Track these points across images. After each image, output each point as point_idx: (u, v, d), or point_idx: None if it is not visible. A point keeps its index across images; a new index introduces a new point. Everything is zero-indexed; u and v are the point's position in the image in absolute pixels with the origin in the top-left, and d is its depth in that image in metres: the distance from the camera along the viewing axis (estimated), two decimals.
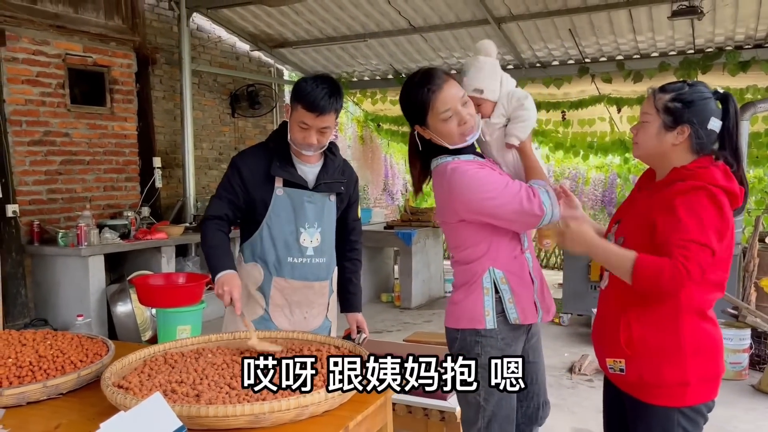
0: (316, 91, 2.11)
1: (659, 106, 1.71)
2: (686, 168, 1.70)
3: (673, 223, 1.62)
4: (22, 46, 4.90)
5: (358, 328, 2.46)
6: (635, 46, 6.34)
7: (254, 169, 2.24)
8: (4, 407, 1.59)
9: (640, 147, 1.79)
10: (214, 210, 2.25)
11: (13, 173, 4.86)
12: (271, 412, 1.45)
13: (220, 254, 2.16)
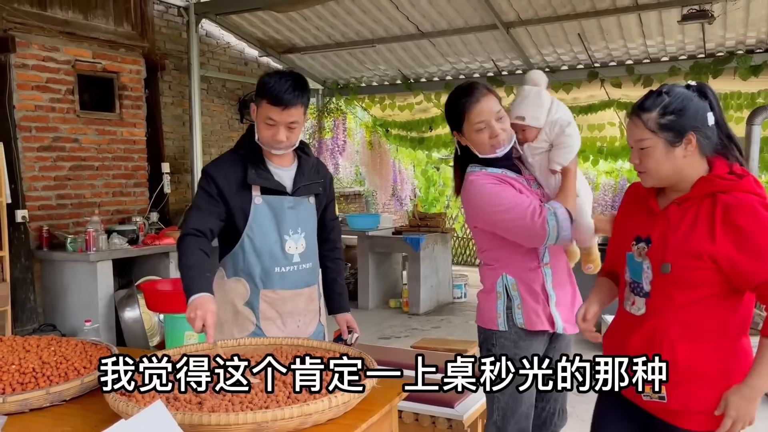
0: (280, 84, 2.04)
1: (653, 127, 1.59)
2: (719, 176, 1.59)
3: (756, 256, 1.52)
4: (32, 53, 4.93)
5: (349, 328, 2.40)
6: (645, 51, 6.30)
7: (229, 178, 2.14)
8: (6, 414, 1.58)
9: (651, 174, 1.63)
10: (194, 223, 2.09)
11: (23, 179, 4.88)
12: (273, 421, 1.43)
13: (196, 275, 1.99)
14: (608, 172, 8.26)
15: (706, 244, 1.55)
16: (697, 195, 1.60)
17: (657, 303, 1.64)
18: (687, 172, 1.62)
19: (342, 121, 8.43)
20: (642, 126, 1.61)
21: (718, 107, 1.62)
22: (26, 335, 2.19)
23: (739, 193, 1.55)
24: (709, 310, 1.60)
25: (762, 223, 1.52)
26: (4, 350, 1.89)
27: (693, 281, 1.58)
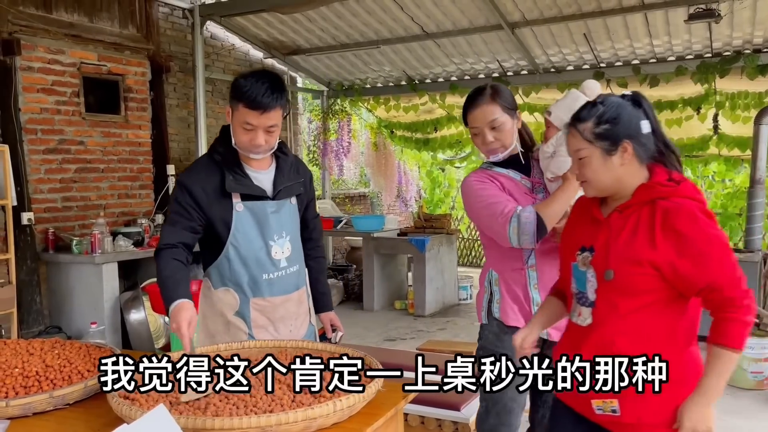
0: (257, 87, 1.95)
1: (589, 137, 1.60)
2: (658, 183, 1.60)
3: (697, 261, 1.51)
4: (38, 55, 4.95)
5: (333, 326, 2.37)
6: (651, 50, 6.26)
7: (206, 188, 2.05)
8: (9, 418, 1.57)
9: (592, 184, 1.64)
10: (167, 238, 2.03)
11: (29, 181, 4.89)
12: (278, 425, 1.42)
13: (171, 284, 1.95)
14: None
15: (647, 251, 1.55)
16: (637, 202, 1.61)
17: (602, 312, 1.63)
18: (626, 180, 1.62)
19: (347, 123, 8.42)
20: (579, 136, 1.62)
21: (652, 115, 1.64)
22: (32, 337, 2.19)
23: (678, 198, 1.56)
24: (654, 317, 1.59)
25: (701, 228, 1.52)
26: (7, 354, 1.89)
27: (636, 287, 1.57)
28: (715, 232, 1.53)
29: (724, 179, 7.76)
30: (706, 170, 7.56)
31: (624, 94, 1.65)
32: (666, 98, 6.46)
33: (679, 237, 1.52)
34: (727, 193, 7.58)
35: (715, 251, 1.51)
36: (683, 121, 6.52)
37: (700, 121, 6.43)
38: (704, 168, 7.48)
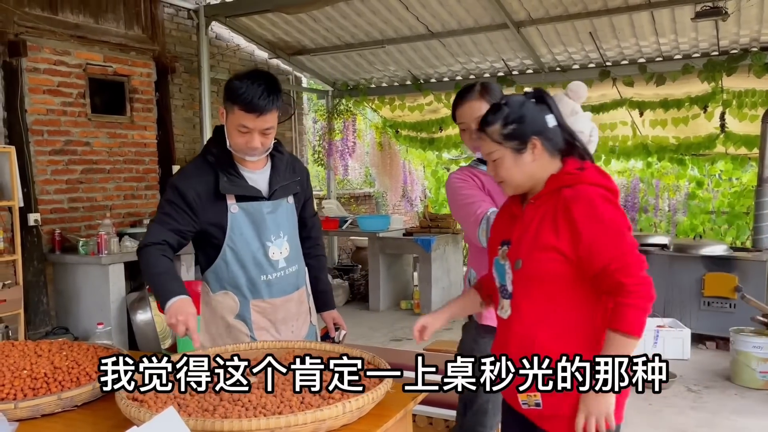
0: (253, 89, 1.91)
1: (497, 139, 1.65)
2: (565, 172, 1.65)
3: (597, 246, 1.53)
4: (44, 57, 4.95)
5: (336, 325, 2.35)
6: (657, 49, 6.23)
7: (200, 190, 2.01)
8: (18, 420, 1.57)
9: (508, 183, 1.69)
10: (153, 236, 1.98)
11: (35, 182, 4.90)
12: (287, 427, 1.41)
13: (168, 279, 1.91)
14: (620, 171, 8.20)
15: (551, 238, 1.59)
16: (546, 192, 1.65)
17: (519, 301, 1.67)
18: (539, 174, 1.67)
19: (352, 123, 8.41)
20: (488, 140, 1.67)
21: (556, 109, 1.68)
22: (39, 338, 2.19)
23: (580, 185, 1.60)
24: (568, 304, 1.62)
25: (595, 213, 1.55)
26: (15, 355, 1.89)
27: (542, 273, 1.61)
28: (610, 216, 1.55)
29: (731, 178, 7.71)
30: (713, 169, 7.51)
31: (526, 92, 1.70)
32: (673, 97, 6.43)
33: (574, 223, 1.56)
34: (734, 191, 7.53)
35: (608, 236, 1.54)
36: (690, 120, 6.49)
37: (707, 120, 6.39)
38: (711, 167, 7.43)
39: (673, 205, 7.84)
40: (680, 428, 3.64)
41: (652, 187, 7.84)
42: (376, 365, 1.85)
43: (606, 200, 1.57)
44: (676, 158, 7.29)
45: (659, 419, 3.77)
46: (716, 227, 7.48)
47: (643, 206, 7.95)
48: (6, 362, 1.80)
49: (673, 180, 7.78)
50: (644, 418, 3.79)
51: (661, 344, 4.93)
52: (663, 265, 5.39)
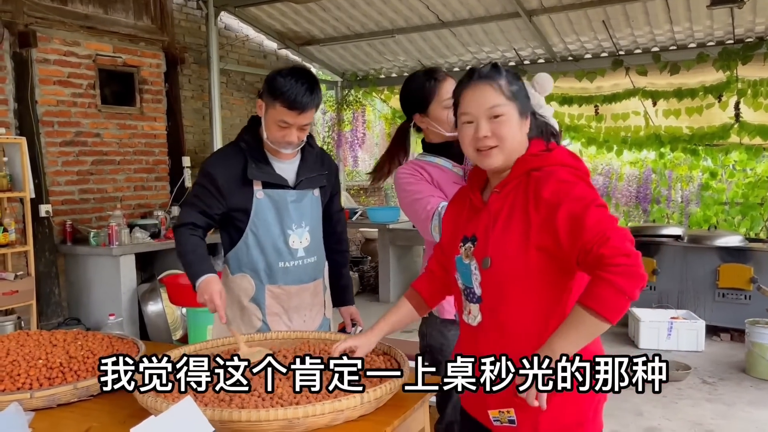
0: (296, 88, 1.97)
1: (507, 93, 1.46)
2: (531, 154, 1.48)
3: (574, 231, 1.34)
4: (54, 47, 4.94)
5: (353, 321, 2.38)
6: (672, 37, 6.15)
7: (229, 175, 2.09)
8: (34, 410, 1.56)
9: (505, 145, 1.46)
10: (186, 217, 2.10)
11: (46, 174, 4.90)
12: (305, 417, 1.40)
13: (197, 260, 2.02)
14: (632, 162, 8.12)
15: (524, 229, 1.41)
16: (513, 177, 1.48)
17: (490, 305, 1.48)
18: (520, 150, 1.50)
19: (361, 114, 8.37)
20: (498, 90, 1.46)
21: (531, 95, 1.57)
22: (51, 329, 2.18)
23: (549, 167, 1.45)
24: (550, 304, 1.44)
25: (568, 192, 1.37)
26: (31, 345, 1.88)
27: (520, 270, 1.42)
28: (582, 193, 1.37)
29: (745, 168, 7.61)
30: (727, 159, 7.42)
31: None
32: (686, 86, 6.35)
33: (548, 205, 1.38)
34: (748, 182, 7.44)
35: (585, 213, 1.33)
36: (704, 109, 6.40)
37: (722, 109, 6.30)
38: (725, 157, 7.34)
39: (685, 196, 7.75)
40: (696, 420, 3.61)
41: (664, 178, 7.76)
42: (393, 355, 1.84)
43: (577, 177, 1.43)
44: (690, 148, 7.20)
45: (674, 411, 3.74)
46: (729, 218, 7.40)
47: (656, 197, 7.87)
48: (21, 352, 1.79)
49: (686, 171, 7.70)
50: (659, 410, 3.75)
51: (675, 336, 4.89)
52: (677, 256, 5.34)
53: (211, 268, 1.99)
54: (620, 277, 1.27)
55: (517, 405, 1.44)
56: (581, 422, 1.48)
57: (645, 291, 5.44)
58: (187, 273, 2.01)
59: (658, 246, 5.43)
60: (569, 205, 1.36)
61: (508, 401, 1.45)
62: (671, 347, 4.89)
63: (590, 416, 1.49)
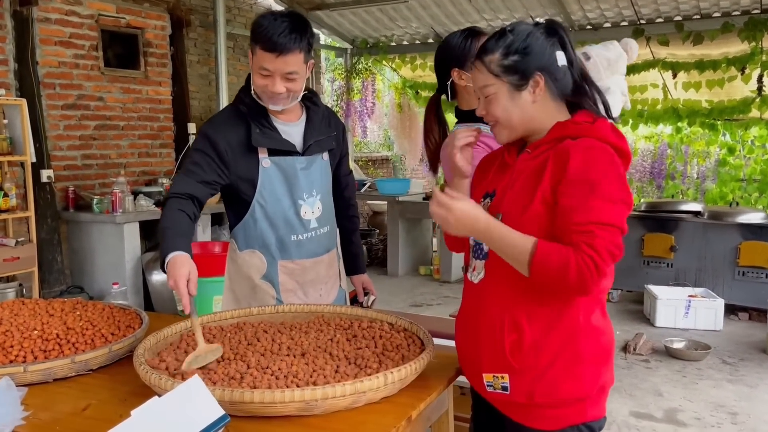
0: (274, 26, 1.75)
1: (496, 70, 1.39)
2: (574, 122, 1.40)
3: (574, 199, 1.28)
4: (55, 6, 4.75)
5: (365, 289, 2.24)
6: (696, 6, 5.91)
7: (231, 141, 1.88)
8: (27, 384, 1.44)
9: (502, 124, 1.42)
10: (178, 187, 1.83)
11: (47, 138, 4.75)
12: (324, 399, 1.27)
13: (169, 235, 1.72)
14: (648, 137, 7.92)
15: (538, 187, 1.34)
16: (547, 140, 1.40)
17: (495, 262, 1.40)
18: (541, 119, 1.41)
19: (371, 83, 8.16)
20: (485, 70, 1.41)
21: (570, 46, 1.41)
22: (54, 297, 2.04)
23: (587, 139, 1.34)
24: None
25: (588, 174, 1.28)
26: (26, 314, 1.75)
27: (524, 228, 1.33)
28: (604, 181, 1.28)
29: (764, 144, 7.41)
30: (746, 135, 7.21)
31: (537, 22, 1.43)
32: (709, 57, 6.13)
33: (565, 174, 1.30)
34: (767, 158, 7.25)
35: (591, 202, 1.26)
36: (725, 82, 6.19)
37: (744, 83, 6.08)
38: (744, 132, 7.14)
39: (702, 172, 7.57)
40: (719, 402, 3.49)
41: (680, 153, 7.56)
42: (414, 332, 1.71)
43: (610, 161, 1.31)
44: (708, 123, 6.99)
45: (694, 392, 3.62)
46: (746, 195, 7.22)
47: (671, 173, 7.69)
48: (15, 321, 1.67)
49: (703, 146, 7.49)
50: (679, 390, 3.64)
51: (693, 315, 4.77)
52: (696, 232, 5.19)
53: (185, 245, 1.70)
54: (576, 271, 1.24)
55: (512, 370, 1.37)
56: (581, 398, 1.37)
57: (662, 268, 5.30)
58: (160, 248, 1.74)
59: (676, 222, 5.27)
60: (581, 188, 1.29)
61: (502, 365, 1.38)
62: (688, 326, 4.77)
63: (592, 395, 1.38)
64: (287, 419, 1.28)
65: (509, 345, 1.36)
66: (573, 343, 1.35)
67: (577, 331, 1.36)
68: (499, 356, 1.38)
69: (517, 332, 1.36)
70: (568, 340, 1.35)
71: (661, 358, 4.18)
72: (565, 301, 1.35)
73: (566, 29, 1.42)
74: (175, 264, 1.62)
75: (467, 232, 1.35)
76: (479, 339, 1.43)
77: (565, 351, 1.35)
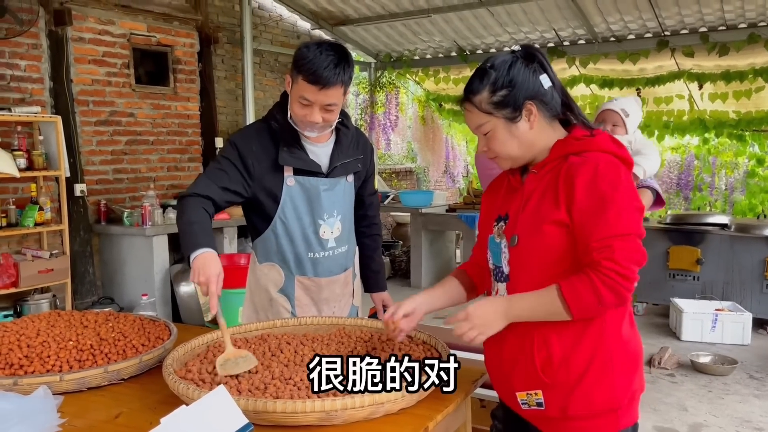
0: (320, 60, 1.78)
1: (487, 109, 1.43)
2: (575, 138, 1.42)
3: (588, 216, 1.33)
4: (89, 26, 4.92)
5: (385, 307, 2.27)
6: (721, 17, 5.86)
7: (260, 156, 1.92)
8: (63, 393, 1.51)
9: (503, 157, 1.47)
10: (199, 188, 1.84)
11: (81, 153, 4.91)
12: (343, 409, 1.32)
13: (198, 230, 1.71)
14: (674, 148, 7.86)
15: (553, 208, 1.39)
16: (552, 159, 1.44)
17: (516, 284, 1.45)
18: (540, 142, 1.46)
19: (394, 96, 8.25)
20: (476, 110, 1.45)
21: (549, 67, 1.46)
22: (86, 308, 2.13)
23: (590, 153, 1.39)
24: None
25: (596, 186, 1.33)
26: (61, 325, 1.83)
27: (544, 249, 1.39)
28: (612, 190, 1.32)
29: None
30: None
31: (513, 50, 1.47)
32: (735, 68, 6.07)
33: (574, 190, 1.35)
34: None
35: (604, 212, 1.31)
36: (753, 93, 6.13)
37: None
38: None
39: (730, 184, 7.48)
40: (745, 417, 3.45)
41: (708, 165, 7.49)
42: (433, 345, 1.75)
43: (616, 171, 1.34)
44: (736, 134, 6.91)
45: (720, 407, 3.58)
46: None
47: (698, 184, 7.61)
48: (52, 332, 1.75)
49: (731, 157, 7.41)
50: (704, 405, 3.60)
51: (720, 329, 4.71)
52: (723, 245, 5.13)
53: (213, 244, 1.71)
54: (605, 288, 1.29)
55: (545, 386, 1.41)
56: (614, 409, 1.41)
57: (688, 281, 5.24)
58: (183, 242, 1.72)
59: (702, 235, 5.21)
60: (592, 200, 1.33)
61: (535, 382, 1.42)
62: (715, 340, 4.71)
63: (624, 404, 1.41)
64: (308, 428, 1.33)
65: (540, 362, 1.40)
66: (602, 354, 1.39)
67: (605, 342, 1.39)
68: (531, 374, 1.41)
69: (546, 349, 1.40)
70: (596, 352, 1.39)
71: (687, 372, 4.13)
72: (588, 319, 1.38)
73: (541, 51, 1.48)
74: (206, 261, 1.64)
75: (499, 323, 1.41)
76: (509, 358, 1.47)
77: (594, 362, 1.39)
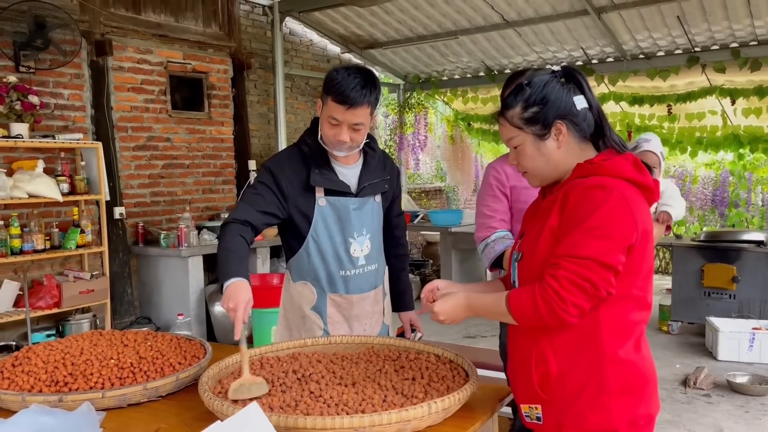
0: (347, 81, 1.92)
1: (518, 123, 1.48)
2: (591, 162, 1.44)
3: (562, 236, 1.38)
4: (128, 55, 5.13)
5: (412, 326, 2.32)
6: (752, 32, 5.81)
7: (293, 179, 2.04)
8: (105, 409, 1.59)
9: (532, 173, 1.53)
10: (240, 214, 1.97)
11: (120, 177, 5.09)
12: (371, 426, 1.36)
13: (235, 259, 1.84)
14: (708, 164, 7.74)
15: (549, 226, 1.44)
16: (567, 180, 1.48)
17: None
18: (568, 162, 1.48)
19: (423, 116, 8.33)
20: (508, 124, 1.51)
21: (588, 88, 1.49)
22: (124, 328, 2.23)
23: (595, 177, 1.41)
24: None
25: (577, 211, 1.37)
26: (103, 344, 1.92)
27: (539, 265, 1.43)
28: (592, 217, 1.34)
29: None
30: None
31: (554, 70, 1.52)
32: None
33: (564, 212, 1.40)
34: None
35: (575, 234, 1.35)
36: None
37: None
38: None
39: (767, 200, 7.33)
40: None
41: (743, 180, 7.35)
42: (459, 364, 1.78)
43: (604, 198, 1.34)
44: None
45: (758, 428, 3.51)
46: None
47: (734, 201, 7.47)
48: (94, 351, 1.83)
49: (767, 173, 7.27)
50: (741, 427, 3.53)
51: (758, 348, 4.60)
52: (759, 263, 5.03)
53: (246, 273, 1.83)
54: (542, 301, 1.36)
55: (543, 402, 1.45)
56: (611, 430, 1.41)
57: (724, 299, 5.15)
58: (219, 269, 1.86)
59: (738, 252, 5.13)
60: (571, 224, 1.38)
61: (534, 397, 1.46)
62: (753, 359, 4.61)
63: (622, 428, 1.41)
64: None
65: (537, 377, 1.44)
66: (598, 374, 1.40)
67: (602, 363, 1.40)
68: (530, 388, 1.46)
69: (544, 364, 1.43)
70: (592, 372, 1.40)
71: (723, 392, 4.05)
72: (587, 332, 1.41)
73: (582, 73, 1.51)
74: (238, 289, 1.75)
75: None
76: (514, 371, 1.53)
77: (590, 382, 1.40)
